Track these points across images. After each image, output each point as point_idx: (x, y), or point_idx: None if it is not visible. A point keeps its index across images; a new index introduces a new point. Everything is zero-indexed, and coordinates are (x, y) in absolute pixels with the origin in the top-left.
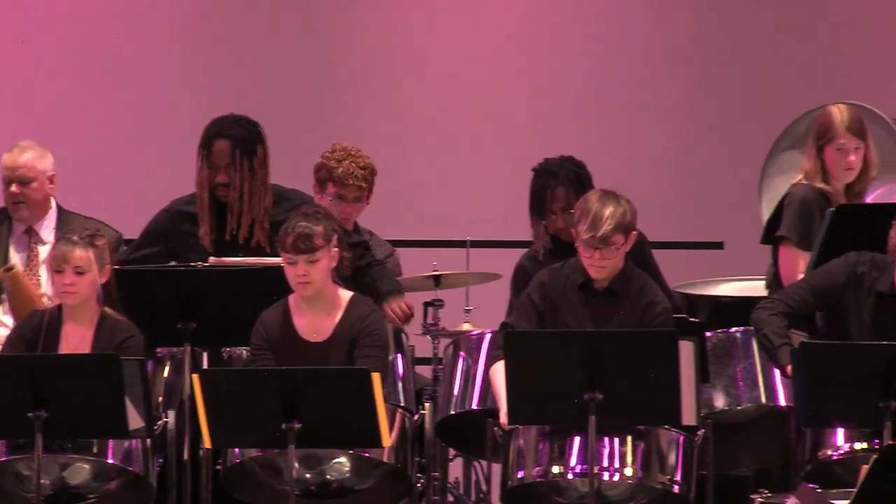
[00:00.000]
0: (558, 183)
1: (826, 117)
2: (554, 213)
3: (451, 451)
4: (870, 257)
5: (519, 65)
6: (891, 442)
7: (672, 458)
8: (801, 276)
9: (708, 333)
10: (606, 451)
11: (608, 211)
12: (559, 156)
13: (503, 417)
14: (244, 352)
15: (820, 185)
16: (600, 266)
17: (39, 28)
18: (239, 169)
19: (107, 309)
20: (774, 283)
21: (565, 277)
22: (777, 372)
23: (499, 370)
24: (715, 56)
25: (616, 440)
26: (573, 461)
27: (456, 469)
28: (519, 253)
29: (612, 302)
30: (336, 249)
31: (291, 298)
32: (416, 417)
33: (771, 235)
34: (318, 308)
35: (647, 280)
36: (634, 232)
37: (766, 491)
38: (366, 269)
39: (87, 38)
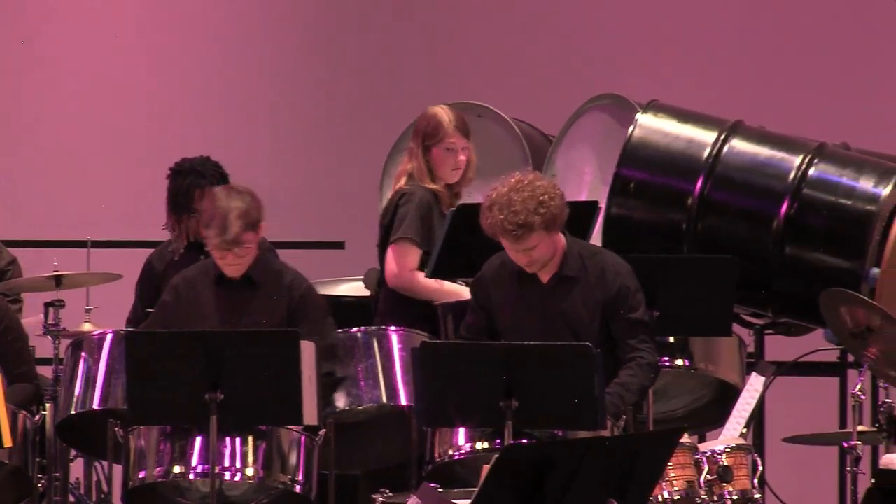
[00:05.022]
0: (206, 182)
1: (433, 118)
2: (199, 211)
3: (73, 452)
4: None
5: (139, 64)
6: (512, 441)
7: (294, 458)
8: (417, 273)
9: None
10: (228, 451)
11: (235, 212)
12: (199, 156)
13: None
14: None
15: (429, 184)
16: (235, 265)
17: None
18: None
19: None
20: (383, 281)
21: (202, 274)
22: (398, 372)
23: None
24: (334, 56)
25: (237, 440)
26: (195, 461)
27: (77, 469)
28: (140, 253)
29: (250, 290)
30: None
31: None
32: (36, 418)
33: (387, 237)
34: None
35: (285, 264)
36: (263, 223)
37: (387, 491)
38: None
39: None
